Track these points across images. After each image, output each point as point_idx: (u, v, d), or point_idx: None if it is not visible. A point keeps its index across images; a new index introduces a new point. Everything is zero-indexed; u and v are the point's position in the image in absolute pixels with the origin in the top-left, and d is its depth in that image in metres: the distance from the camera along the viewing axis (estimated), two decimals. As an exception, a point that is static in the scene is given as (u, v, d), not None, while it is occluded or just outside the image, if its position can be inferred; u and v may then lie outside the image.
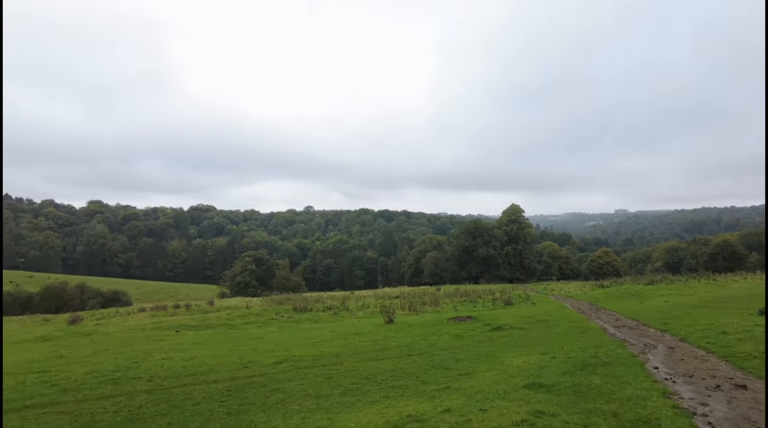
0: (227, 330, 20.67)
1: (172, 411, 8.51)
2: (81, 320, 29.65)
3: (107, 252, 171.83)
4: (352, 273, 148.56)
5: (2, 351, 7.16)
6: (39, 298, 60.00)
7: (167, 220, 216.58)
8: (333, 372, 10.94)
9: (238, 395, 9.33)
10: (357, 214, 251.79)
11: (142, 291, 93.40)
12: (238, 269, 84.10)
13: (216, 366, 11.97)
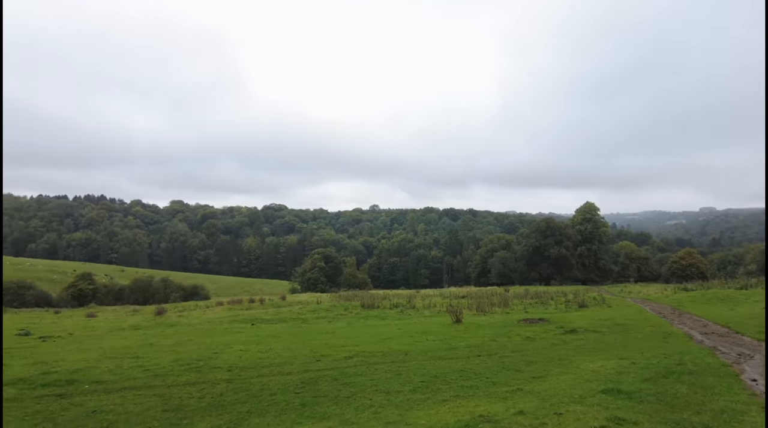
0: (299, 325, 21.41)
1: (250, 400, 8.96)
2: (165, 312, 31.89)
3: (187, 249, 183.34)
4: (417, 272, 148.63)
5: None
6: (129, 290, 65.17)
7: (242, 219, 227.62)
8: (402, 369, 11.04)
9: (312, 387, 9.66)
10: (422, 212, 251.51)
11: (219, 286, 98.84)
12: (308, 266, 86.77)
13: (290, 358, 12.44)
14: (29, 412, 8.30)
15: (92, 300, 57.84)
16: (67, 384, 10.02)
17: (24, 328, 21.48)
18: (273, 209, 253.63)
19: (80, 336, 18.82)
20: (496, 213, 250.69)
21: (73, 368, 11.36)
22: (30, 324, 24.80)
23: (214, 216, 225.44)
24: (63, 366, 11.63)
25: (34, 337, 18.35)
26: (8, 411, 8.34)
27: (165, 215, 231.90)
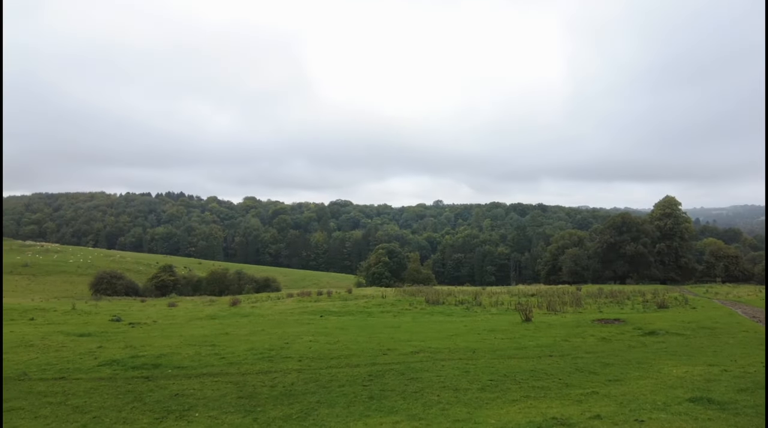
0: (365, 318, 21.71)
1: (320, 391, 9.17)
2: (239, 302, 33.47)
3: (260, 243, 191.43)
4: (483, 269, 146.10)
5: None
6: (206, 282, 69.03)
7: (311, 214, 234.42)
8: (470, 367, 10.86)
9: (379, 381, 9.73)
10: (488, 207, 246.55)
11: (289, 279, 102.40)
12: (373, 260, 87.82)
13: (357, 351, 12.63)
14: (122, 391, 8.99)
15: (173, 291, 61.90)
16: (153, 367, 10.76)
17: (116, 315, 23.35)
18: (339, 205, 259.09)
19: (163, 323, 20.16)
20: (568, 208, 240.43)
21: (158, 353, 12.17)
22: (121, 311, 26.92)
23: (285, 212, 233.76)
24: (149, 351, 12.49)
25: (125, 323, 19.89)
26: (104, 389, 9.09)
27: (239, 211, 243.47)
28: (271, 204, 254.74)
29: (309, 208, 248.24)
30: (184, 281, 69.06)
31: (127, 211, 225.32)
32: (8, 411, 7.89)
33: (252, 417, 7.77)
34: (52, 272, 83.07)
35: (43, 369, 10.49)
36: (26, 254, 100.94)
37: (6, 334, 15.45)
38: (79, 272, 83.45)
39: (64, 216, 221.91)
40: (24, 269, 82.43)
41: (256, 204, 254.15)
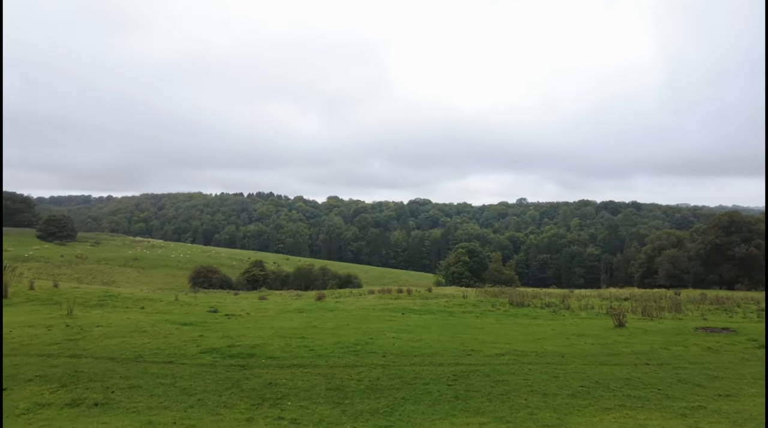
0: (446, 317, 21.58)
1: (405, 387, 9.28)
2: (324, 297, 34.63)
3: (342, 240, 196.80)
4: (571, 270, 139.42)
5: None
6: (293, 277, 72.14)
7: (390, 213, 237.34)
8: (559, 372, 10.45)
9: (464, 381, 9.66)
10: (576, 205, 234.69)
11: (370, 276, 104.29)
12: (453, 260, 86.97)
13: (440, 350, 12.61)
14: (220, 378, 9.69)
15: (263, 285, 65.39)
16: (248, 357, 11.47)
17: (213, 306, 25.12)
18: (418, 203, 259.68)
19: (255, 316, 21.38)
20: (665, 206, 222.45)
21: (252, 343, 12.95)
22: (217, 303, 28.89)
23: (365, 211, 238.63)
24: (244, 341, 13.32)
25: (221, 314, 21.35)
26: (206, 374, 9.84)
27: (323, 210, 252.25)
28: (352, 203, 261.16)
29: (389, 207, 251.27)
30: (273, 276, 72.68)
31: (222, 210, 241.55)
32: (129, 388, 8.80)
33: (341, 409, 8.04)
34: (156, 266, 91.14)
35: (155, 353, 11.56)
36: (136, 249, 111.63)
37: (123, 320, 17.20)
38: (180, 266, 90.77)
39: (166, 215, 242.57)
40: (134, 262, 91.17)
41: (339, 203, 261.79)
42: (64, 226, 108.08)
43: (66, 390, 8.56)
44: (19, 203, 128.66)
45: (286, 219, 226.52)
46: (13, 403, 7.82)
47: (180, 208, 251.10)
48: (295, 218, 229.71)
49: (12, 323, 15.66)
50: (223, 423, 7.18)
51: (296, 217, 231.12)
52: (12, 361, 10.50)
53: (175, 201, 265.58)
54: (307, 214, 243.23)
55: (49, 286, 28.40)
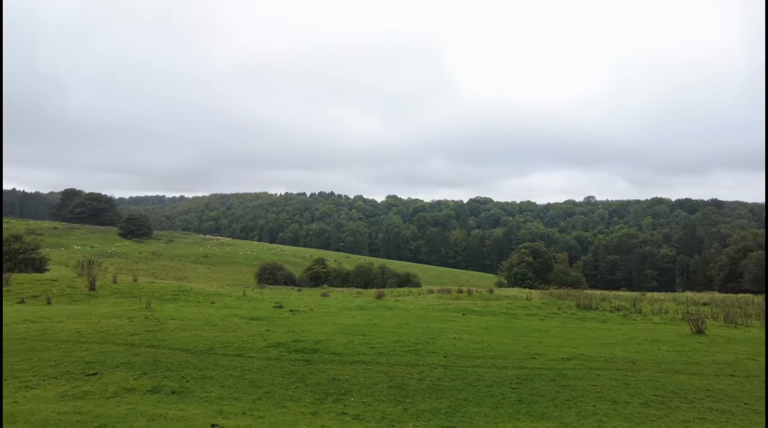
0: (509, 319, 21.11)
1: (467, 389, 9.19)
2: (384, 296, 34.91)
3: (401, 239, 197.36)
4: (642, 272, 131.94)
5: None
6: (353, 275, 73.25)
7: (449, 212, 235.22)
8: (630, 379, 9.95)
9: (528, 385, 9.42)
10: (648, 204, 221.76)
11: (429, 275, 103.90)
12: (515, 260, 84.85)
13: (503, 352, 12.36)
14: (286, 371, 10.03)
15: (325, 282, 66.89)
16: (312, 352, 11.79)
17: (278, 302, 26.01)
18: (478, 202, 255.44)
19: (318, 312, 21.92)
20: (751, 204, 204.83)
21: (316, 339, 13.29)
22: (282, 299, 29.90)
23: (424, 210, 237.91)
24: (308, 336, 13.70)
25: (286, 310, 22.06)
26: (273, 368, 10.22)
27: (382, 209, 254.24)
28: (411, 202, 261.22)
29: (448, 206, 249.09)
30: (335, 273, 74.19)
31: (286, 209, 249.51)
32: (202, 378, 9.31)
33: (402, 407, 8.09)
34: (225, 262, 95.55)
35: (225, 346, 12.15)
36: (206, 246, 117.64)
37: (195, 314, 18.22)
38: (247, 263, 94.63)
39: (234, 214, 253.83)
40: (204, 259, 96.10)
41: (398, 202, 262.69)
42: (141, 225, 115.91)
43: (147, 377, 9.18)
44: (103, 203, 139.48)
45: (347, 218, 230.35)
46: (103, 386, 8.51)
47: (247, 207, 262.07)
48: (355, 217, 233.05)
49: (100, 314, 17.02)
50: (289, 415, 7.43)
51: (356, 216, 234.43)
52: (102, 348, 11.42)
53: (243, 200, 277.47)
54: (366, 212, 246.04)
55: (129, 281, 30.57)
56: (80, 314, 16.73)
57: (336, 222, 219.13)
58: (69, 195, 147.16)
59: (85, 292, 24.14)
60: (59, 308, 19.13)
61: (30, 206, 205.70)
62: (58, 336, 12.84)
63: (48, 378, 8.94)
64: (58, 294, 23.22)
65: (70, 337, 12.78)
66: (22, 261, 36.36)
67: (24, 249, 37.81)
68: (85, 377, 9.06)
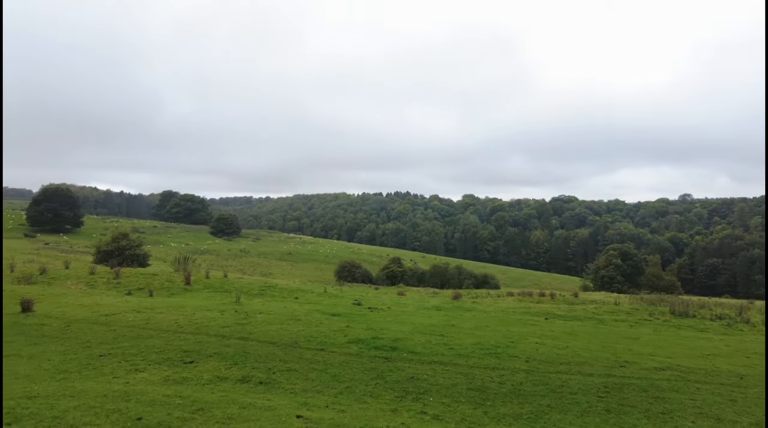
0: (596, 325, 20.03)
1: (550, 395, 8.86)
2: (461, 297, 34.48)
3: (478, 240, 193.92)
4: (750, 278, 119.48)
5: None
6: (429, 275, 73.06)
7: (530, 211, 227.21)
8: (737, 395, 9.08)
9: (617, 394, 8.90)
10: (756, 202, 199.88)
11: (508, 277, 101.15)
12: (602, 262, 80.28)
13: (589, 359, 11.77)
14: (366, 368, 10.23)
15: (400, 281, 67.32)
16: (391, 350, 11.93)
17: (357, 299, 26.59)
18: (562, 201, 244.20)
19: (395, 310, 22.13)
20: None
21: (394, 337, 13.44)
22: (360, 296, 30.53)
23: (503, 209, 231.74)
24: (386, 334, 13.88)
25: (364, 307, 22.51)
26: (353, 363, 10.48)
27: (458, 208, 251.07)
28: (489, 201, 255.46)
29: (528, 205, 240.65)
30: (410, 273, 74.40)
31: (363, 209, 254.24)
32: (287, 371, 9.75)
33: (482, 410, 7.97)
34: (307, 260, 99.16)
35: (308, 340, 12.63)
36: (289, 244, 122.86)
37: (280, 309, 19.10)
38: (326, 261, 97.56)
39: (315, 214, 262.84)
40: (288, 256, 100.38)
41: (475, 201, 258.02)
42: (230, 224, 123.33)
43: (237, 367, 9.78)
44: (196, 204, 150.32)
45: (422, 217, 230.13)
46: (199, 374, 9.19)
47: (327, 207, 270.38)
48: (431, 216, 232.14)
49: (194, 306, 18.36)
50: (369, 411, 7.58)
51: (431, 216, 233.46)
52: (197, 338, 12.33)
53: (323, 201, 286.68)
54: (442, 212, 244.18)
55: (220, 276, 32.66)
56: (178, 306, 18.16)
57: (411, 222, 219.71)
58: (167, 196, 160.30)
59: (182, 286, 26.16)
60: (160, 300, 20.88)
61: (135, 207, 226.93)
62: (160, 326, 14.03)
63: (153, 364, 9.81)
64: (159, 287, 25.35)
65: (169, 327, 13.92)
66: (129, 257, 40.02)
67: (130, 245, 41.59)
68: (183, 364, 9.83)
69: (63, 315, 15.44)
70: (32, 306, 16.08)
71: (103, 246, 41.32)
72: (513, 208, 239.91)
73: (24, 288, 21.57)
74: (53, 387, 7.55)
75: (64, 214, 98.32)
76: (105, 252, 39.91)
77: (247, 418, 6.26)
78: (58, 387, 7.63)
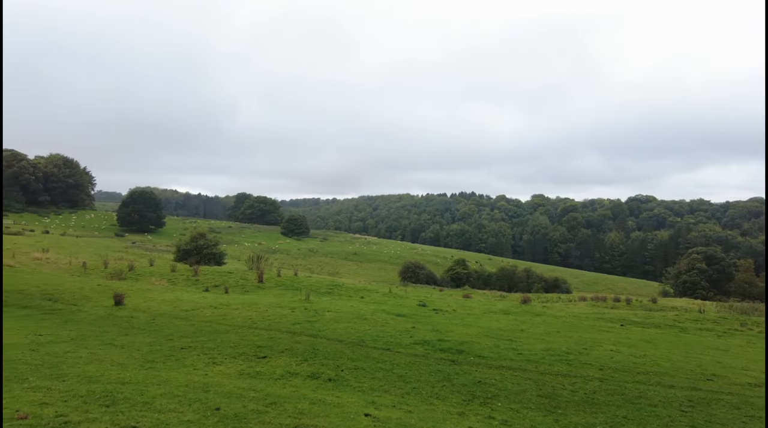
0: (677, 333, 18.73)
1: (626, 405, 8.41)
2: (530, 301, 33.46)
3: (548, 242, 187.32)
4: None
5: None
6: (495, 277, 71.53)
7: (604, 212, 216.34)
8: None
9: (703, 410, 8.28)
10: None
11: (580, 281, 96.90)
12: (684, 267, 74.85)
13: (670, 369, 11.04)
14: (433, 369, 10.21)
15: (466, 283, 66.39)
16: (458, 353, 11.82)
17: (421, 300, 26.57)
18: (639, 201, 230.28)
19: (461, 313, 21.88)
20: None
21: (461, 340, 13.30)
22: (424, 297, 30.47)
23: (575, 210, 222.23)
24: (452, 337, 13.77)
25: (429, 309, 22.44)
26: (419, 365, 10.49)
27: (527, 209, 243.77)
28: (559, 201, 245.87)
29: (602, 205, 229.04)
30: (476, 275, 73.17)
31: (427, 210, 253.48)
32: (355, 369, 9.94)
33: (553, 417, 7.71)
34: (372, 260, 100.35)
35: (375, 340, 12.79)
36: (355, 245, 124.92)
37: (347, 307, 19.48)
38: (390, 261, 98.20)
39: (380, 215, 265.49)
40: (353, 256, 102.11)
41: (544, 201, 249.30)
42: (300, 225, 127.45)
43: (307, 363, 10.10)
44: (268, 205, 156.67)
45: (488, 218, 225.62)
46: (272, 368, 9.58)
47: (391, 208, 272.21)
48: (497, 217, 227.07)
49: (267, 303, 19.14)
50: (436, 413, 7.56)
51: (498, 217, 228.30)
52: (269, 334, 12.86)
53: (387, 202, 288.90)
54: (509, 213, 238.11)
55: (290, 275, 33.81)
56: (251, 303, 19.01)
57: (477, 223, 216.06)
58: (241, 198, 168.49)
59: (255, 284, 27.35)
60: (235, 297, 21.97)
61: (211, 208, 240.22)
62: (235, 322, 14.77)
63: (229, 357, 10.35)
64: (234, 284, 26.67)
65: (244, 323, 14.61)
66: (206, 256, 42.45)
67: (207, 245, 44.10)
68: (257, 359, 10.29)
69: (149, 309, 16.66)
70: (123, 300, 17.50)
71: (182, 246, 44.11)
72: (586, 208, 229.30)
73: (115, 284, 23.50)
74: (142, 375, 8.17)
75: (148, 215, 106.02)
76: (184, 251, 42.57)
77: (318, 414, 6.45)
78: (146, 375, 8.24)
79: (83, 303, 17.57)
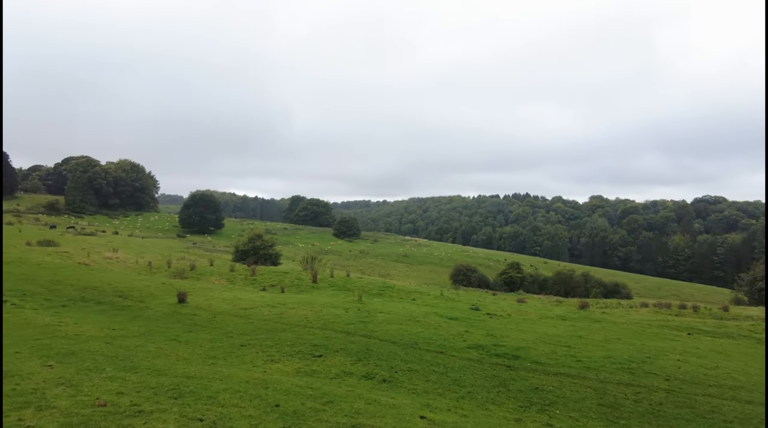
0: (754, 345, 17.45)
1: (697, 420, 7.95)
2: (588, 306, 32.21)
3: (607, 245, 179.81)
4: None
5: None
6: (552, 282, 69.38)
7: (668, 214, 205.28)
8: None
9: (785, 427, 7.69)
10: None
11: (642, 286, 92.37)
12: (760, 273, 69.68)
13: (747, 384, 10.32)
14: (488, 374, 10.05)
15: (520, 287, 64.85)
16: (513, 358, 11.57)
17: (474, 304, 26.21)
18: (707, 202, 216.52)
19: (516, 318, 21.39)
20: None
21: (516, 345, 13.01)
22: (477, 301, 30.03)
23: (636, 211, 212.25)
24: (508, 342, 13.49)
25: (482, 313, 22.09)
26: (473, 369, 10.36)
27: (584, 210, 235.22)
28: (619, 202, 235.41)
29: (666, 207, 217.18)
30: (531, 279, 71.28)
31: (479, 212, 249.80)
32: (408, 371, 9.95)
33: (616, 428, 7.40)
34: (422, 262, 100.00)
35: (428, 342, 12.75)
36: (405, 246, 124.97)
37: (399, 309, 19.54)
38: (441, 264, 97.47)
39: (430, 217, 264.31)
40: (404, 258, 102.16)
41: (603, 203, 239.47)
42: (351, 226, 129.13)
43: (362, 364, 10.21)
44: (321, 207, 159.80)
45: (543, 220, 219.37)
46: (327, 367, 9.76)
47: (442, 210, 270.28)
48: (553, 219, 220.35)
49: (321, 303, 19.52)
50: (492, 418, 7.44)
51: (554, 219, 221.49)
52: (324, 334, 13.11)
53: (438, 204, 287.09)
54: (566, 215, 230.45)
55: (343, 276, 34.30)
56: (306, 302, 19.44)
57: (532, 225, 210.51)
58: (295, 201, 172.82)
59: (309, 284, 27.95)
60: (290, 296, 22.54)
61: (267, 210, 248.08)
62: (291, 321, 15.15)
63: (286, 356, 10.63)
64: (289, 284, 27.36)
65: (300, 322, 14.97)
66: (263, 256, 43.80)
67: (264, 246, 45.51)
68: (313, 358, 10.52)
69: (210, 307, 17.40)
70: (186, 298, 18.38)
71: (240, 246, 45.77)
72: (647, 209, 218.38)
73: (178, 282, 24.70)
74: (205, 370, 8.54)
75: (208, 217, 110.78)
76: (242, 252, 44.14)
77: (374, 414, 6.51)
78: (209, 370, 8.62)
79: (150, 301, 18.59)
